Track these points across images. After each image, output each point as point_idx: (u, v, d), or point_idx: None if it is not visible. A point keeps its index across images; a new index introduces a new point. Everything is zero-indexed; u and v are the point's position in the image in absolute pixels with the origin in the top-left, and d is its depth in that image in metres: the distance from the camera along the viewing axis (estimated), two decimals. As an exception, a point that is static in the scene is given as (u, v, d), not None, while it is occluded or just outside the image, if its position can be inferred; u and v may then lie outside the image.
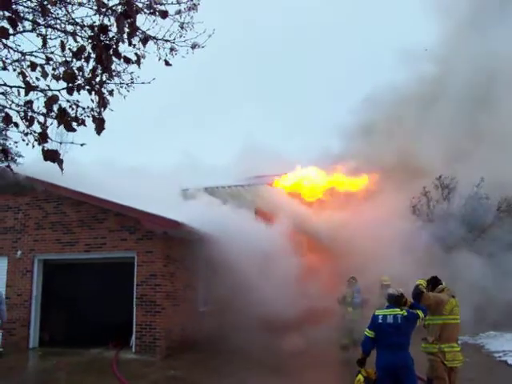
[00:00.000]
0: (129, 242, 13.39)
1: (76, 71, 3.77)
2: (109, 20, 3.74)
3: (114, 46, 3.59)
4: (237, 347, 13.63)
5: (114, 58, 3.64)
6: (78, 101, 3.95)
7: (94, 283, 14.49)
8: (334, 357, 13.46)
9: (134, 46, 3.89)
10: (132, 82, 4.54)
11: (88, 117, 3.86)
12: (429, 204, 18.96)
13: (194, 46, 4.61)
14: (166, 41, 4.40)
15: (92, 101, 3.81)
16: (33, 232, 14.31)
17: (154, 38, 4.25)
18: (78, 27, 3.98)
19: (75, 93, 3.83)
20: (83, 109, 3.98)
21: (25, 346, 13.47)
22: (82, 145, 4.20)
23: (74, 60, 3.80)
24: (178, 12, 4.44)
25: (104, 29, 3.56)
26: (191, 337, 13.97)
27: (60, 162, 3.80)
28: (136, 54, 3.85)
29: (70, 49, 4.07)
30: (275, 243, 15.79)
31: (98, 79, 3.66)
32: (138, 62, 3.86)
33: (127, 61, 3.77)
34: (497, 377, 10.89)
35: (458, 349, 7.19)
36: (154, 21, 4.08)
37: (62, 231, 14.03)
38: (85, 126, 3.82)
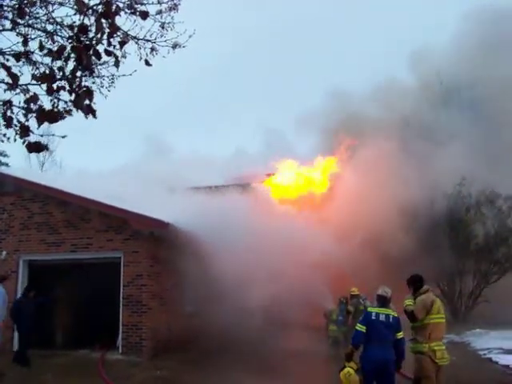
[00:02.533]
0: (115, 242, 13.33)
1: (56, 71, 3.75)
2: (89, 20, 3.72)
3: (94, 46, 3.56)
4: (224, 347, 13.65)
5: (93, 58, 3.62)
6: (59, 95, 3.91)
7: (81, 284, 14.36)
8: (322, 356, 13.55)
9: (114, 46, 3.86)
10: (112, 82, 4.53)
11: (69, 111, 3.83)
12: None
13: (174, 46, 4.60)
14: (147, 41, 4.39)
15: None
16: (18, 232, 14.18)
17: (135, 38, 4.23)
18: (58, 26, 3.95)
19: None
20: (65, 102, 3.96)
21: (10, 348, 13.31)
22: (63, 137, 4.17)
23: (54, 60, 3.77)
24: (159, 12, 4.43)
25: (84, 29, 3.53)
26: (178, 337, 13.92)
27: (46, 149, 3.80)
28: (114, 54, 3.82)
29: (49, 49, 4.03)
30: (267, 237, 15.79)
31: (77, 80, 3.64)
32: (116, 64, 3.85)
33: (109, 54, 3.73)
34: (482, 374, 10.97)
35: (444, 347, 7.35)
36: (134, 21, 4.06)
37: (48, 231, 13.92)
38: (63, 118, 3.80)
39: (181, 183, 17.99)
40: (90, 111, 3.69)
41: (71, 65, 3.62)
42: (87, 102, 3.62)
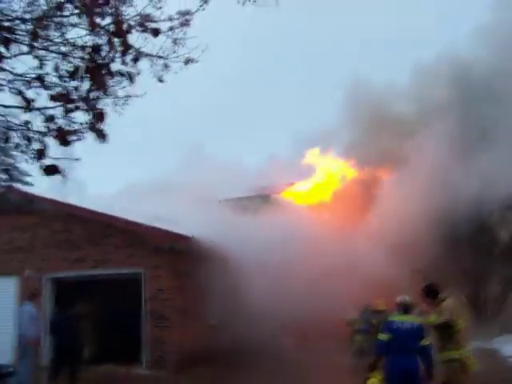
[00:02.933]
0: (136, 257, 13.41)
1: (73, 90, 3.81)
2: (101, 39, 3.77)
3: (107, 65, 3.61)
4: (249, 361, 13.58)
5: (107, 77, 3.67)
6: (73, 117, 3.97)
7: (104, 300, 14.44)
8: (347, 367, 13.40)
9: (127, 64, 3.91)
10: (127, 101, 4.57)
11: (84, 131, 3.89)
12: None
13: (187, 62, 4.63)
14: (159, 57, 4.42)
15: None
16: (40, 251, 14.35)
17: (148, 54, 4.26)
18: (72, 47, 4.01)
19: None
20: (81, 124, 4.02)
21: (37, 365, 13.41)
22: (77, 159, 4.23)
23: (70, 80, 3.83)
24: (171, 29, 4.47)
25: (97, 48, 3.59)
26: (203, 351, 13.88)
27: (63, 174, 3.85)
28: (128, 72, 3.87)
29: (66, 70, 4.10)
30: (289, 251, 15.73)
31: (92, 97, 3.70)
32: (131, 80, 3.89)
33: (121, 75, 3.77)
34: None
35: (470, 351, 7.24)
36: (146, 39, 4.10)
37: (70, 249, 14.07)
38: (80, 139, 3.86)
39: (210, 194, 18.05)
40: (101, 135, 3.74)
41: (87, 84, 3.68)
42: (99, 125, 3.66)
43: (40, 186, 33.12)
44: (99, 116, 3.68)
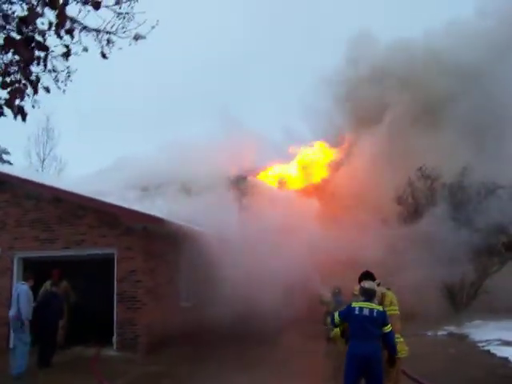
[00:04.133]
0: (108, 238, 13.26)
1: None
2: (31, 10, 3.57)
3: (38, 38, 3.42)
4: (220, 342, 13.59)
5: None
6: None
7: (76, 281, 14.33)
8: (317, 349, 13.47)
9: (62, 37, 3.73)
10: (69, 76, 4.39)
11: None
12: (413, 194, 18.91)
13: (136, 38, 4.46)
14: (101, 31, 4.23)
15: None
16: (12, 230, 14.15)
17: (85, 28, 4.09)
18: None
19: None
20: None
21: (4, 346, 13.29)
22: None
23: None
24: (117, 2, 4.29)
25: (24, 19, 3.40)
26: (173, 332, 13.87)
27: None
28: (66, 45, 3.70)
29: None
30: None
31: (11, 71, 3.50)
32: (66, 55, 3.72)
33: (43, 48, 3.55)
34: (480, 367, 10.82)
35: (401, 339, 7.25)
36: (88, 11, 3.92)
37: (41, 228, 13.89)
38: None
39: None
40: (19, 112, 3.55)
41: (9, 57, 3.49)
42: (16, 101, 3.48)
43: (20, 164, 32.91)
44: (16, 92, 3.50)
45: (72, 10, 3.79)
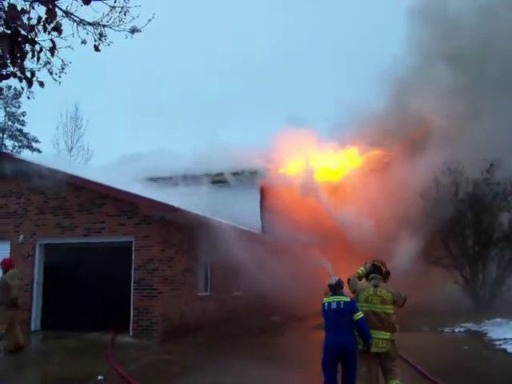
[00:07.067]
0: (127, 226, 13.44)
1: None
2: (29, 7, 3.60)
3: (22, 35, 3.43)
4: (236, 332, 13.65)
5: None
6: None
7: (95, 268, 14.55)
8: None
9: (49, 32, 3.73)
10: (63, 68, 4.40)
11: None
12: (438, 189, 18.64)
13: (133, 31, 4.44)
14: (92, 24, 4.21)
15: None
16: (34, 217, 14.45)
17: (81, 21, 4.07)
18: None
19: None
20: None
21: (26, 330, 13.61)
22: None
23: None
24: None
25: (13, 16, 3.41)
26: (190, 321, 14.01)
27: None
28: (51, 40, 3.70)
29: None
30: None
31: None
32: (52, 50, 3.72)
33: (30, 42, 3.55)
34: (493, 365, 10.64)
35: (380, 336, 6.99)
36: (81, 6, 3.91)
37: (63, 216, 14.15)
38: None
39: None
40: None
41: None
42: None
43: (48, 152, 33.53)
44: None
45: (65, 3, 3.78)
